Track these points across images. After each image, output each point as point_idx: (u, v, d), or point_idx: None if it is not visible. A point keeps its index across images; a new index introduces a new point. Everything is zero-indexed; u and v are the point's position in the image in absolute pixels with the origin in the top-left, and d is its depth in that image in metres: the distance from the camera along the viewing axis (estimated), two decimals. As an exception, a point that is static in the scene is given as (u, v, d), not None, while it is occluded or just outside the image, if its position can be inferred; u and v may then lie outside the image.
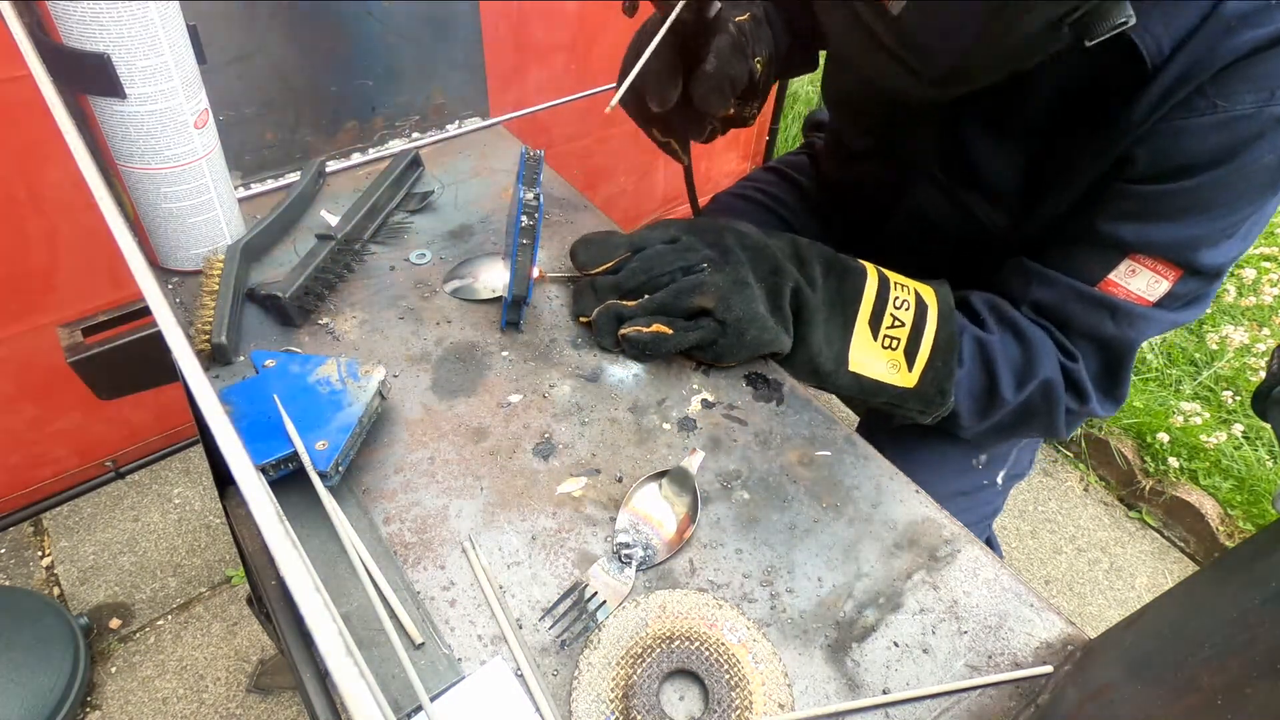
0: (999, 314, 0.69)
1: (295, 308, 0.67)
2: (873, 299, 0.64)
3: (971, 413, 0.69)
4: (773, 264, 0.61)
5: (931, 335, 0.64)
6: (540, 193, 0.66)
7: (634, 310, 0.63)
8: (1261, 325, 2.00)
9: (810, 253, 0.65)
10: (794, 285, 0.61)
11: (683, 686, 0.49)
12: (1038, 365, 0.67)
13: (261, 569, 0.57)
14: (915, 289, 0.65)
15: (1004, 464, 0.89)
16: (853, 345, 0.64)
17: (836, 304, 0.64)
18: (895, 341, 0.64)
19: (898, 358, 0.64)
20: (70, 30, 0.56)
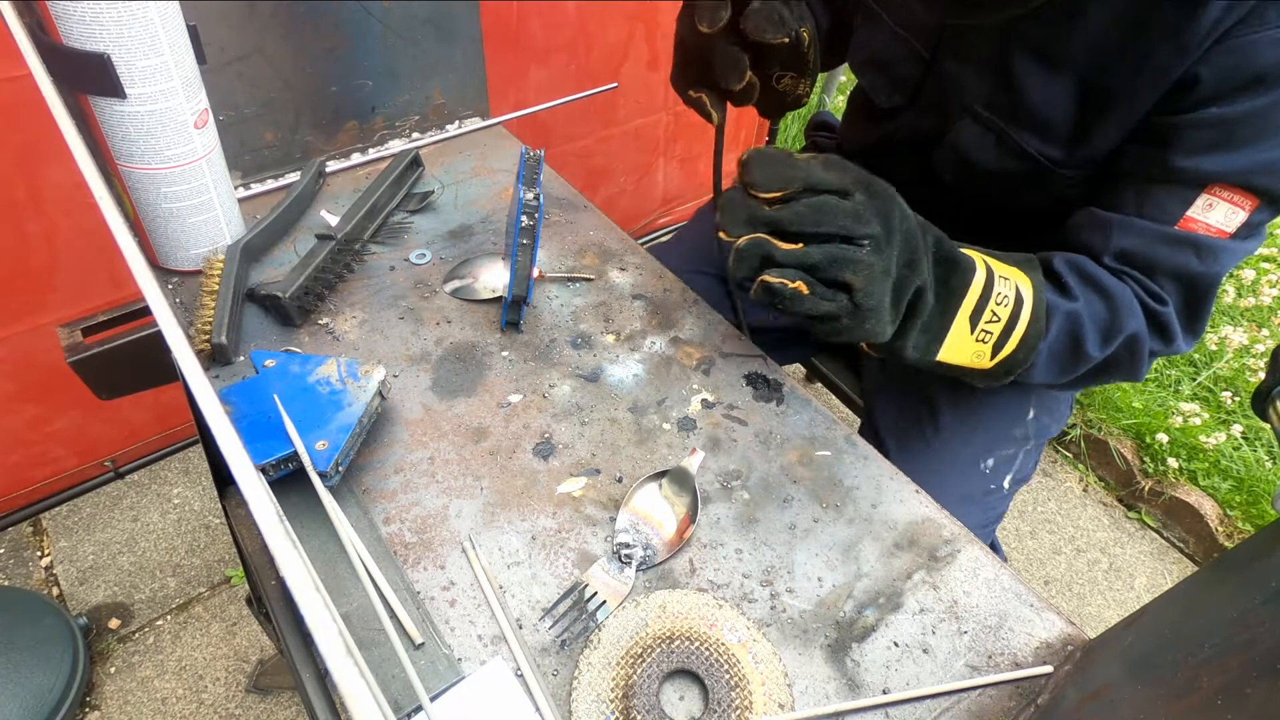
0: (1082, 274, 0.68)
1: (295, 308, 0.67)
2: (977, 295, 0.61)
3: (1050, 374, 0.69)
4: (911, 256, 0.56)
5: (1023, 330, 0.63)
6: (540, 193, 0.66)
7: (784, 255, 0.55)
8: (1260, 326, 2.01)
9: (927, 235, 0.59)
10: (919, 285, 0.57)
11: (683, 686, 0.49)
12: (1123, 321, 0.66)
13: (261, 569, 0.57)
14: (1015, 280, 0.63)
15: (1010, 468, 0.88)
16: (948, 339, 0.61)
17: (941, 297, 0.60)
18: (989, 335, 0.63)
19: (985, 349, 0.63)
20: (70, 30, 0.56)
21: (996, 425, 0.87)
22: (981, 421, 0.87)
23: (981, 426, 0.87)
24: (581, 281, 0.76)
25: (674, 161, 1.87)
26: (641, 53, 1.57)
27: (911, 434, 0.86)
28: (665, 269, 0.78)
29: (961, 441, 0.85)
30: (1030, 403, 0.89)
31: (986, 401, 0.88)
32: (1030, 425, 0.89)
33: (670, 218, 2.01)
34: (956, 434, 0.86)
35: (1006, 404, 0.88)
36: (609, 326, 0.72)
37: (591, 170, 1.68)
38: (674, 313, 0.73)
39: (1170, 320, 0.68)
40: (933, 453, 0.84)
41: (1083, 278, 0.68)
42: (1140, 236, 0.67)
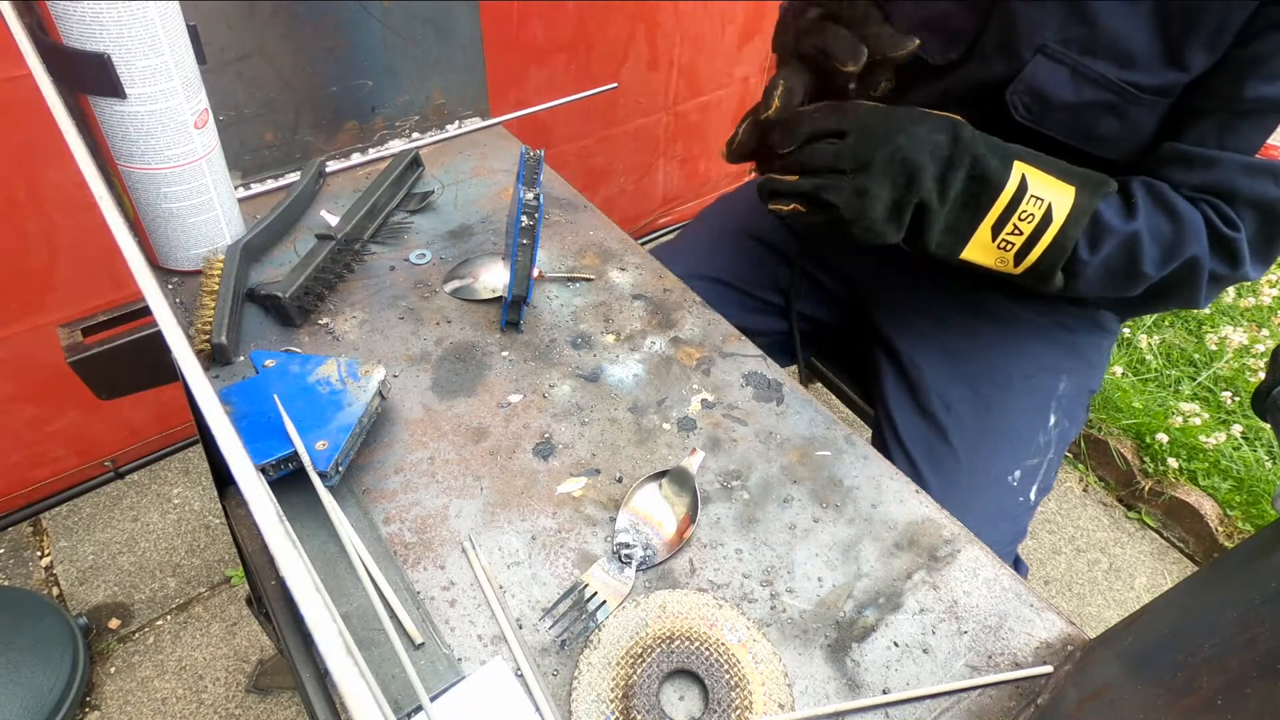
0: (1154, 194, 0.71)
1: (295, 308, 0.67)
2: (1001, 209, 0.68)
3: (1102, 289, 0.73)
4: (910, 177, 0.67)
5: (1045, 245, 0.69)
6: (540, 193, 0.66)
7: (784, 186, 0.70)
8: (1260, 326, 2.01)
9: (963, 154, 0.68)
10: (920, 200, 0.67)
11: (683, 686, 0.49)
12: (1186, 243, 0.69)
13: (261, 569, 0.57)
14: (1050, 202, 0.68)
15: (1035, 478, 0.87)
16: (969, 244, 0.70)
17: (967, 207, 0.68)
18: (1009, 245, 0.69)
19: (1008, 257, 0.70)
20: (70, 30, 0.56)
21: (1021, 436, 0.86)
22: (1006, 432, 0.86)
23: (1006, 437, 0.86)
24: (581, 281, 0.76)
25: (674, 161, 1.87)
26: (642, 53, 1.57)
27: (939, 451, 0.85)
28: (665, 269, 0.78)
29: (987, 456, 0.84)
30: (1053, 408, 0.89)
31: (1009, 412, 0.87)
32: (1053, 432, 0.88)
33: (670, 218, 2.01)
34: (981, 448, 0.85)
35: (1029, 412, 0.87)
36: (609, 326, 0.72)
37: (591, 170, 1.68)
38: (674, 313, 0.73)
39: (1239, 245, 0.70)
40: (963, 470, 0.83)
41: (1154, 197, 0.71)
42: (1222, 170, 0.70)
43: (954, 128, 0.69)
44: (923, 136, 0.67)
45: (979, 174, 0.68)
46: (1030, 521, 0.89)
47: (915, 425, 0.88)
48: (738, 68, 1.81)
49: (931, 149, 0.67)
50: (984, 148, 0.68)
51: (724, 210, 1.06)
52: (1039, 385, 0.88)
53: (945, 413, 0.86)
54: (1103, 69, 0.74)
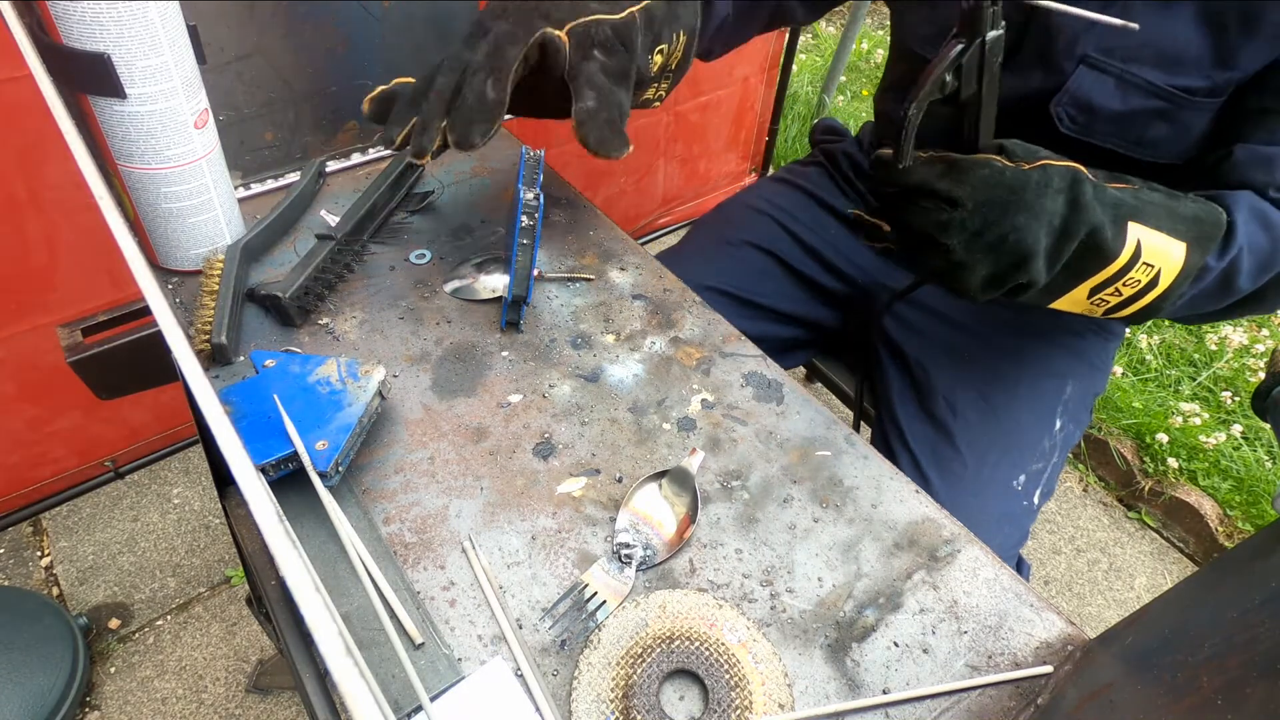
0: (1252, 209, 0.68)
1: (295, 308, 0.67)
2: (1108, 276, 0.64)
3: (1186, 310, 0.71)
4: (1019, 261, 0.62)
5: (1140, 306, 0.66)
6: (540, 193, 0.66)
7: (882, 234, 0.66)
8: (1260, 326, 2.01)
9: (1080, 229, 0.62)
10: (1026, 280, 0.63)
11: (683, 686, 0.49)
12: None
13: (261, 569, 0.57)
14: (1160, 268, 0.64)
15: (1039, 482, 0.87)
16: (1061, 300, 0.67)
17: (1069, 270, 0.64)
18: (1104, 303, 0.66)
19: (1096, 311, 0.67)
20: (70, 30, 0.56)
21: (1026, 440, 0.86)
22: (1012, 436, 0.85)
23: (1012, 442, 0.85)
24: (581, 281, 0.76)
25: (674, 161, 1.87)
26: (641, 53, 1.57)
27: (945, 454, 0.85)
28: (665, 269, 0.78)
29: (994, 461, 0.84)
30: (1059, 413, 0.89)
31: (1016, 416, 0.86)
32: (1058, 437, 0.88)
33: (670, 218, 2.01)
34: (989, 453, 0.84)
35: (1036, 417, 0.87)
36: (609, 326, 0.72)
37: (591, 170, 1.68)
38: (674, 313, 0.73)
39: None
40: (969, 475, 0.83)
41: (1254, 213, 0.68)
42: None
43: (1073, 187, 0.63)
44: (1044, 211, 0.61)
45: (1093, 245, 0.62)
46: (1032, 525, 0.89)
47: (921, 428, 0.88)
48: (738, 68, 1.81)
49: (1049, 223, 0.62)
50: (1101, 214, 0.62)
51: (722, 218, 1.05)
52: (1045, 390, 0.88)
53: (951, 417, 0.86)
54: (1150, 75, 0.72)
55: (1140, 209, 0.63)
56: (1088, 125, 0.77)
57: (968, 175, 0.63)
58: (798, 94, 2.65)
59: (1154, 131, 0.75)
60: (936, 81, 0.65)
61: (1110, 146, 0.76)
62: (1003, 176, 0.62)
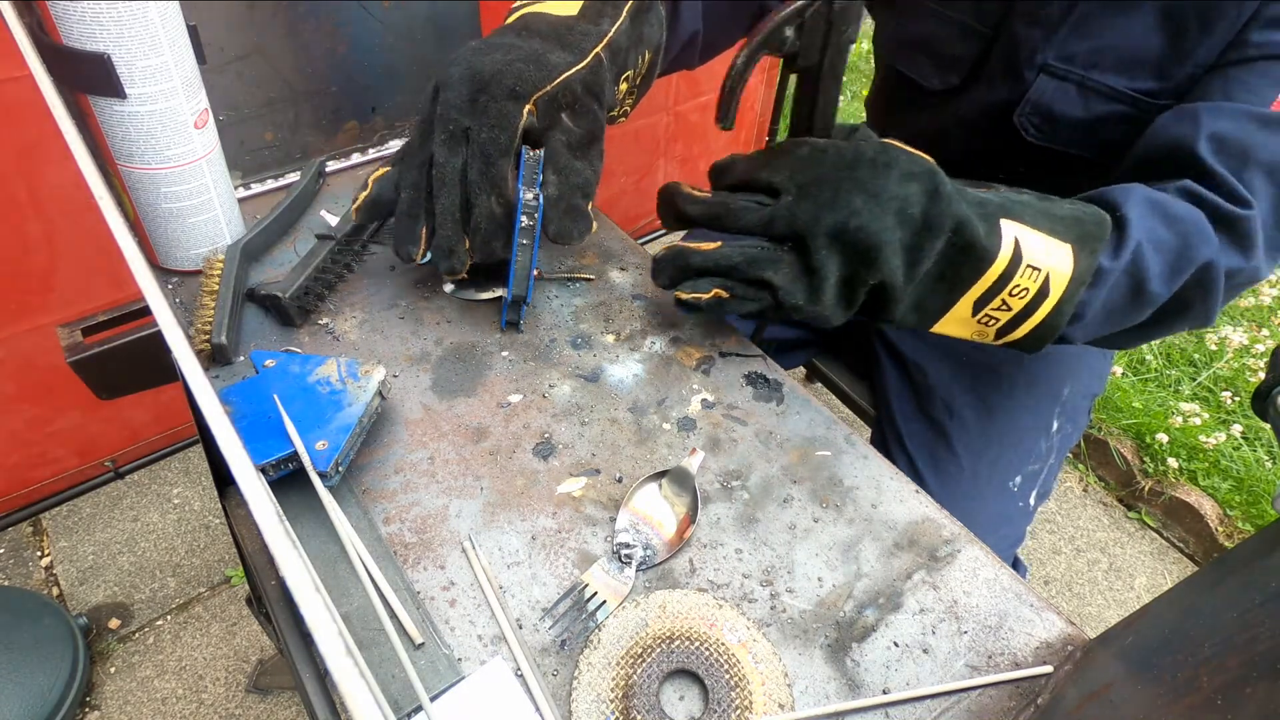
0: (1149, 202, 0.61)
1: (295, 308, 0.67)
2: (988, 285, 0.57)
3: (1103, 329, 0.62)
4: (869, 256, 0.54)
5: (1034, 324, 0.58)
6: (540, 193, 0.66)
7: (701, 258, 0.58)
8: (1261, 326, 2.01)
9: (945, 221, 0.55)
10: (880, 280, 0.56)
11: (683, 686, 0.49)
12: (1196, 248, 0.59)
13: (261, 569, 0.57)
14: (1048, 272, 0.56)
15: (1035, 484, 0.87)
16: (945, 318, 0.59)
17: (944, 280, 0.57)
18: (993, 320, 0.59)
19: (988, 332, 0.60)
20: (70, 30, 0.56)
21: (1023, 442, 0.86)
22: (1008, 437, 0.86)
23: (1008, 443, 0.85)
24: (581, 281, 0.76)
25: (674, 162, 1.87)
26: (641, 53, 1.57)
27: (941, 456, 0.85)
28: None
29: (990, 462, 0.84)
30: (1056, 414, 0.88)
31: (1013, 417, 0.86)
32: (1055, 438, 0.88)
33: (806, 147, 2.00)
34: (985, 454, 0.85)
35: (1033, 418, 0.87)
36: (609, 326, 0.72)
37: (591, 170, 1.68)
38: (674, 313, 0.73)
39: (1252, 227, 0.60)
40: (965, 476, 0.83)
41: (1149, 205, 0.60)
42: (1232, 119, 0.61)
43: (930, 177, 0.55)
44: (888, 194, 0.54)
45: (963, 243, 0.55)
46: (1029, 526, 0.89)
47: (918, 429, 0.88)
48: (738, 68, 1.81)
49: (899, 211, 0.54)
50: (968, 207, 0.55)
51: None
52: (1043, 391, 0.88)
53: (948, 418, 0.86)
54: (1111, 80, 0.71)
55: (1009, 207, 0.57)
56: (1053, 133, 0.76)
57: (785, 157, 0.56)
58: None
59: (1119, 135, 0.74)
60: (774, 31, 0.59)
61: (1077, 153, 0.75)
62: (824, 154, 0.56)
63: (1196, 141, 0.62)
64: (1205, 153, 0.61)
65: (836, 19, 0.59)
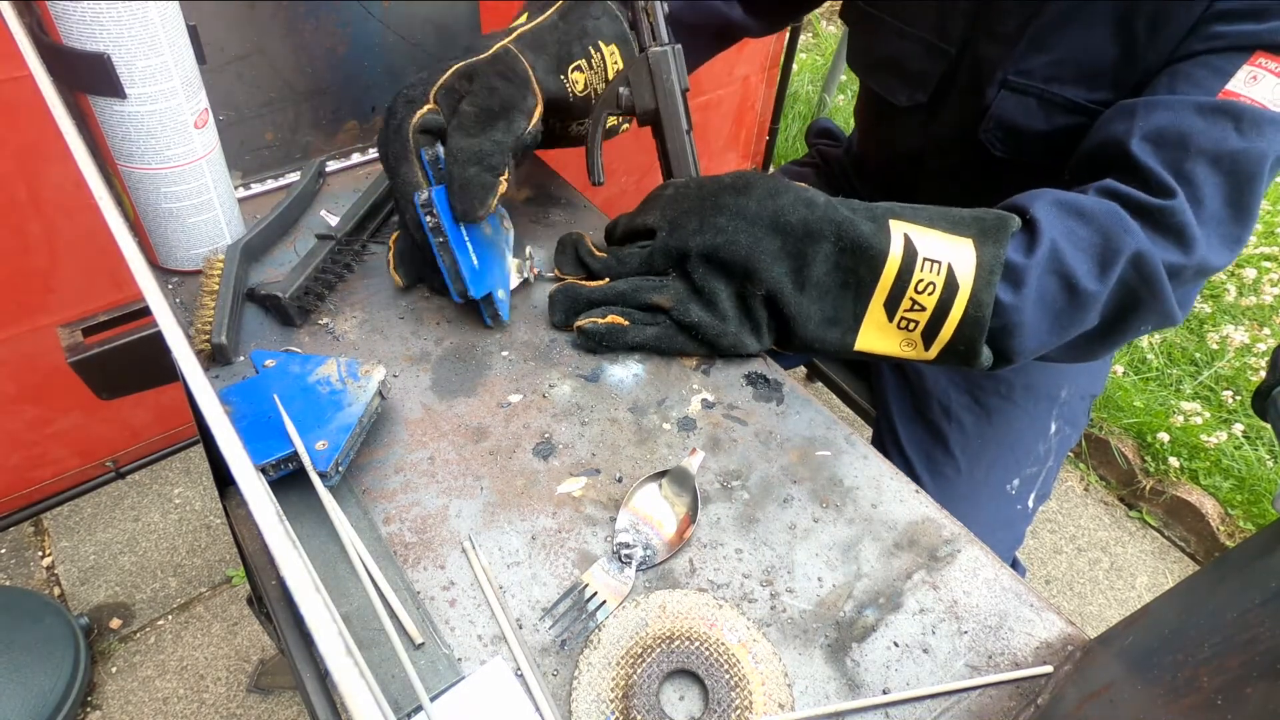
0: (1057, 202, 0.60)
1: (295, 307, 0.67)
2: (890, 282, 0.57)
3: (1051, 333, 0.60)
4: (745, 268, 0.57)
5: (957, 317, 0.57)
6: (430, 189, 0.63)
7: (592, 291, 0.61)
8: (1262, 325, 2.00)
9: (824, 226, 0.57)
10: (766, 292, 0.58)
11: (683, 686, 0.49)
12: (1118, 240, 0.58)
13: (261, 569, 0.57)
14: (949, 263, 0.57)
15: (1034, 486, 0.87)
16: (863, 329, 0.59)
17: (846, 287, 0.58)
18: (913, 324, 0.58)
19: (914, 338, 0.59)
20: (70, 30, 0.56)
21: (1021, 444, 0.86)
22: (1006, 440, 0.85)
23: (1006, 446, 0.85)
24: (581, 281, 0.76)
25: (674, 161, 1.86)
26: (642, 52, 1.57)
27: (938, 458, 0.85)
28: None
29: (988, 465, 0.84)
30: (1054, 416, 0.88)
31: (1010, 420, 0.86)
32: (1053, 440, 0.88)
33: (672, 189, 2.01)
34: (982, 457, 0.84)
35: (1031, 421, 0.87)
36: (609, 326, 0.72)
37: (592, 170, 1.68)
38: (674, 312, 0.73)
39: (1178, 217, 0.58)
40: (962, 479, 0.83)
41: (1058, 205, 0.60)
42: (1171, 110, 0.60)
43: (801, 192, 0.58)
44: (750, 210, 0.56)
45: (850, 244, 0.56)
46: (1028, 527, 0.89)
47: (915, 431, 0.88)
48: (738, 67, 1.81)
49: (771, 222, 0.56)
50: (847, 211, 0.57)
51: None
52: (1041, 393, 0.88)
53: (945, 421, 0.86)
54: (1070, 93, 0.71)
55: (898, 211, 0.58)
56: (1018, 147, 0.76)
57: (656, 201, 0.61)
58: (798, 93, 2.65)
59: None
60: (609, 95, 0.67)
61: (1043, 164, 0.75)
62: (687, 188, 0.60)
63: (1130, 137, 0.61)
64: (1136, 147, 0.60)
65: (655, 68, 0.65)
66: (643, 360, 0.69)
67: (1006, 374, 0.88)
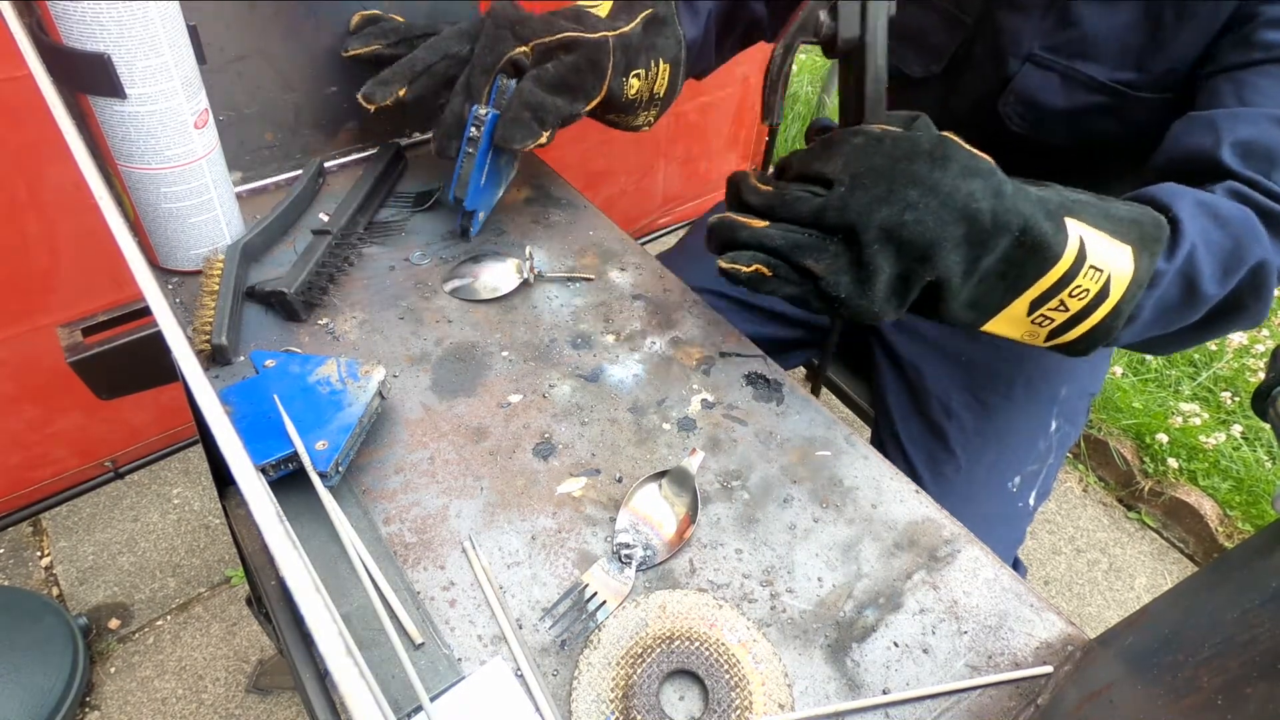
0: (1198, 202, 0.59)
1: (300, 302, 0.67)
2: (1050, 284, 0.54)
3: (1151, 330, 0.60)
4: (924, 253, 0.52)
5: (1090, 325, 0.56)
6: (494, 111, 0.71)
7: (747, 234, 0.55)
8: (1260, 326, 2.01)
9: (1011, 220, 0.52)
10: (936, 277, 0.53)
11: (683, 686, 0.49)
12: (1247, 247, 0.57)
13: (261, 569, 0.57)
14: (1109, 273, 0.54)
15: (1035, 484, 0.87)
16: (998, 319, 0.56)
17: (1005, 277, 0.54)
18: (1047, 321, 0.56)
19: (1040, 331, 0.57)
20: (70, 30, 0.56)
21: (1021, 442, 0.86)
22: (1007, 438, 0.85)
23: (1007, 444, 0.85)
24: (581, 281, 0.76)
25: (674, 162, 1.87)
26: (641, 53, 1.57)
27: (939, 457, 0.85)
28: (665, 269, 0.78)
29: (989, 463, 0.84)
30: (1054, 414, 0.88)
31: (1011, 418, 0.86)
32: (1054, 438, 0.88)
33: (670, 218, 2.01)
34: (983, 455, 0.84)
35: (1031, 418, 0.87)
36: (609, 326, 0.72)
37: (592, 171, 1.68)
38: (674, 313, 0.74)
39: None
40: (962, 477, 0.83)
41: (1198, 205, 0.59)
42: (1253, 123, 0.61)
43: (993, 174, 0.53)
44: (945, 188, 0.51)
45: (1030, 243, 0.52)
46: (1029, 526, 0.89)
47: (916, 430, 0.88)
48: (738, 67, 1.81)
49: (961, 207, 0.51)
50: (1029, 205, 0.53)
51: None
52: (1041, 391, 0.88)
53: (946, 419, 0.86)
54: (1092, 71, 0.72)
55: (1072, 206, 0.54)
56: (1036, 122, 0.77)
57: (839, 147, 0.54)
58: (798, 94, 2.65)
59: (1101, 127, 0.75)
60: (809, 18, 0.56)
61: (1059, 143, 0.76)
62: (880, 144, 0.53)
63: (1220, 149, 0.61)
64: (1230, 159, 0.61)
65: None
66: (643, 360, 0.69)
67: (1007, 372, 0.88)
